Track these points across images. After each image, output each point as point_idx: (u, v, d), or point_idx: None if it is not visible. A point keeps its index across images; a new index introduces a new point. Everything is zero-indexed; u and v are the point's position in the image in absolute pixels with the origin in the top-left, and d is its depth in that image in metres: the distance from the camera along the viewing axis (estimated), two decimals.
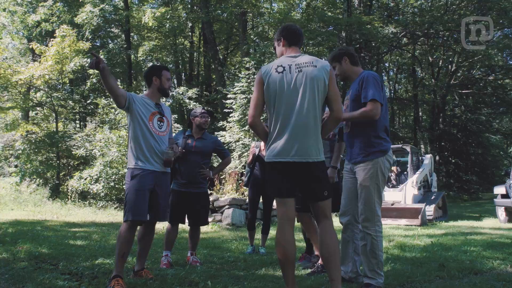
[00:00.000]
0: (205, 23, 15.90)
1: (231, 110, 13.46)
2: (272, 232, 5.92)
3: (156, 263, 4.23)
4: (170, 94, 13.70)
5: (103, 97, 13.28)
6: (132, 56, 17.20)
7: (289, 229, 2.67)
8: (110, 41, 20.10)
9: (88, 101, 17.83)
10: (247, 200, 8.89)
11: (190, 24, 16.84)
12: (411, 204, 9.87)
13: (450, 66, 25.84)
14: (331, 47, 19.76)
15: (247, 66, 13.08)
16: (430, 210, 9.60)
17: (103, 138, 11.35)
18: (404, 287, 3.27)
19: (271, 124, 2.77)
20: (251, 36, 16.42)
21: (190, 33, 19.68)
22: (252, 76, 13.11)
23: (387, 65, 26.30)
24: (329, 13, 17.97)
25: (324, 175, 2.77)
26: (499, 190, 9.83)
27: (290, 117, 2.68)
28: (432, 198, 10.43)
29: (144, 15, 14.11)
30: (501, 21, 17.26)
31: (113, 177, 10.56)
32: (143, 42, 20.25)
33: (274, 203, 5.68)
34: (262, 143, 5.40)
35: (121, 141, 10.82)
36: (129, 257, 4.30)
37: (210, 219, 8.57)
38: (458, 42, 20.33)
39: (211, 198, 8.79)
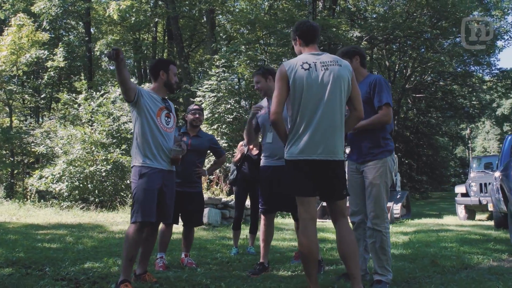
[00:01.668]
0: (172, 18, 15.54)
1: None
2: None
3: (150, 265, 4.06)
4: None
5: (65, 92, 12.58)
6: (98, 50, 16.45)
7: (312, 229, 2.66)
8: (65, 33, 19.10)
9: (42, 96, 16.87)
10: (223, 199, 8.85)
11: (156, 19, 16.36)
12: None
13: (405, 71, 27.07)
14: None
15: (217, 64, 12.93)
16: (397, 208, 9.99)
17: (65, 135, 10.74)
18: (409, 283, 3.36)
19: (294, 121, 2.73)
20: (220, 34, 16.26)
21: (154, 29, 19.14)
22: (222, 75, 12.98)
23: None
24: (294, 15, 18.18)
25: (344, 174, 2.80)
26: (460, 189, 10.42)
27: (317, 115, 2.66)
28: (398, 197, 10.86)
29: (108, 8, 13.53)
30: (454, 29, 18.26)
31: (78, 176, 10.03)
32: (104, 36, 19.43)
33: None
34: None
35: (86, 138, 10.30)
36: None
37: None
38: (414, 48, 21.37)
39: None
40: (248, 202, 5.59)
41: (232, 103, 12.90)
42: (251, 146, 5.28)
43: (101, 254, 4.66)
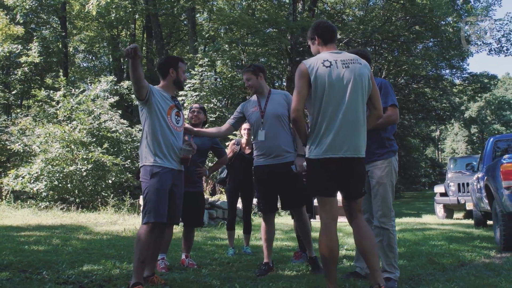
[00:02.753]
0: (152, 15, 15.28)
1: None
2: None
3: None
4: (116, 88, 13.03)
5: (37, 88, 12.12)
6: (71, 46, 15.95)
7: (334, 229, 2.68)
8: (38, 28, 18.41)
9: (13, 92, 16.20)
10: (210, 199, 8.75)
11: (136, 16, 16.03)
12: None
13: (380, 74, 27.70)
14: (277, 49, 20.14)
15: (201, 63, 12.81)
16: None
17: (43, 133, 10.35)
18: (414, 280, 3.44)
19: (315, 119, 2.72)
20: (203, 33, 16.10)
21: (132, 26, 18.75)
22: (205, 74, 12.88)
23: None
24: (274, 16, 18.26)
25: (364, 172, 2.83)
26: (439, 189, 10.76)
27: (340, 113, 2.66)
28: None
29: (87, 3, 13.14)
30: (428, 33, 18.80)
31: (57, 175, 9.69)
32: (79, 32, 18.88)
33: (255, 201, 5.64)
34: (243, 140, 5.26)
35: (66, 137, 9.97)
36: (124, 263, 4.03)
37: None
38: (390, 51, 21.88)
39: None
40: (240, 202, 5.53)
41: (215, 102, 12.81)
42: (243, 145, 5.23)
43: (95, 256, 4.52)
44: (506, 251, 5.02)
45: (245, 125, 5.19)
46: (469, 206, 9.54)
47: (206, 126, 4.86)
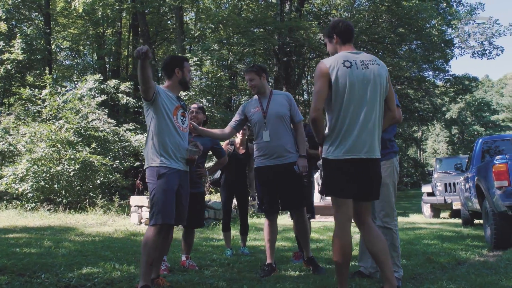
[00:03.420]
0: (140, 14, 15.08)
1: None
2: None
3: None
4: (102, 87, 12.81)
5: (27, 87, 11.83)
6: (53, 43, 15.59)
7: (349, 231, 2.68)
8: (20, 24, 17.94)
9: None
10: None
11: (124, 14, 15.79)
12: None
13: None
14: (264, 49, 20.15)
15: (190, 62, 12.70)
16: None
17: (28, 132, 10.10)
18: (416, 279, 3.49)
19: (335, 119, 2.69)
20: (191, 33, 15.98)
21: (118, 24, 18.46)
22: (194, 73, 12.79)
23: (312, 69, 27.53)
24: (261, 15, 18.28)
25: (381, 173, 2.82)
26: (426, 188, 10.96)
27: (361, 113, 2.65)
28: None
29: (73, 0, 12.88)
30: (412, 35, 19.10)
31: (43, 175, 9.48)
32: (63, 29, 18.49)
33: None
34: (237, 140, 5.23)
35: (52, 136, 9.76)
36: (124, 266, 3.96)
37: None
38: (375, 52, 22.13)
39: None
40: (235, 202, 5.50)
41: (204, 102, 12.74)
42: (237, 145, 5.20)
43: (92, 258, 4.44)
44: (497, 249, 5.14)
45: None
46: (456, 205, 9.75)
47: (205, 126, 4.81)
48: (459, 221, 9.42)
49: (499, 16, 25.67)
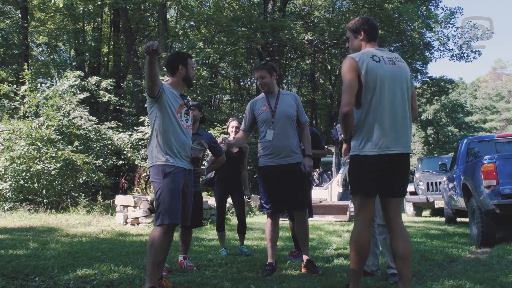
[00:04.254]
0: (122, 10, 14.79)
1: None
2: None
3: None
4: (83, 84, 12.48)
5: (6, 83, 11.39)
6: (30, 38, 15.09)
7: (369, 229, 2.69)
8: None
9: None
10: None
11: (106, 9, 15.43)
12: (337, 201, 10.62)
13: None
14: (246, 48, 20.11)
15: None
16: (352, 207, 10.42)
17: (5, 129, 9.73)
18: (416, 276, 3.53)
19: (365, 113, 2.63)
20: (176, 30, 15.76)
21: (99, 19, 18.03)
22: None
23: (295, 70, 27.69)
24: (244, 15, 18.24)
25: (409, 169, 2.81)
26: (408, 188, 11.15)
27: (394, 108, 2.64)
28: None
29: None
30: (393, 37, 19.46)
31: (23, 174, 9.16)
32: (40, 24, 17.92)
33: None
34: (230, 138, 5.17)
35: (32, 134, 9.44)
36: (125, 268, 3.87)
37: (148, 221, 8.03)
38: None
39: (149, 198, 8.25)
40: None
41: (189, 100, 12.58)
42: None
43: (84, 260, 4.32)
44: (484, 247, 5.29)
45: (233, 123, 5.12)
46: (438, 204, 9.99)
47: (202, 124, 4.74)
48: (441, 219, 9.66)
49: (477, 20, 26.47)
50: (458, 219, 8.62)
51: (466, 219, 8.78)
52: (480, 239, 5.45)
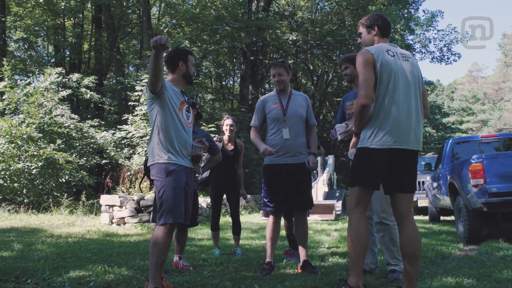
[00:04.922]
0: (104, 6, 14.49)
1: (137, 103, 12.53)
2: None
3: (146, 270, 3.75)
4: (64, 81, 12.17)
5: None
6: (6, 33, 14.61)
7: (366, 221, 2.69)
8: None
9: None
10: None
11: (89, 5, 15.08)
12: (323, 200, 10.68)
13: (326, 76, 28.65)
14: (230, 47, 20.04)
15: None
16: (338, 206, 10.52)
17: None
18: None
19: (379, 106, 2.62)
20: (161, 28, 15.55)
21: (80, 15, 17.61)
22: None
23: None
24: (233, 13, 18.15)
25: (417, 166, 2.81)
26: None
27: (408, 103, 2.64)
28: (337, 194, 11.45)
29: None
30: None
31: (3, 173, 8.86)
32: (18, 19, 17.39)
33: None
34: (225, 137, 5.11)
35: (12, 131, 9.14)
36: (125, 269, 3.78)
37: (135, 220, 7.90)
38: (340, 54, 22.69)
39: (135, 198, 8.11)
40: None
41: None
42: (226, 142, 5.09)
43: (74, 261, 4.21)
44: (470, 244, 5.41)
45: (228, 121, 5.07)
46: (421, 203, 10.17)
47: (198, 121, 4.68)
48: (425, 217, 9.85)
49: (457, 24, 27.22)
50: (442, 218, 8.80)
51: (449, 217, 8.99)
52: (466, 237, 5.57)
